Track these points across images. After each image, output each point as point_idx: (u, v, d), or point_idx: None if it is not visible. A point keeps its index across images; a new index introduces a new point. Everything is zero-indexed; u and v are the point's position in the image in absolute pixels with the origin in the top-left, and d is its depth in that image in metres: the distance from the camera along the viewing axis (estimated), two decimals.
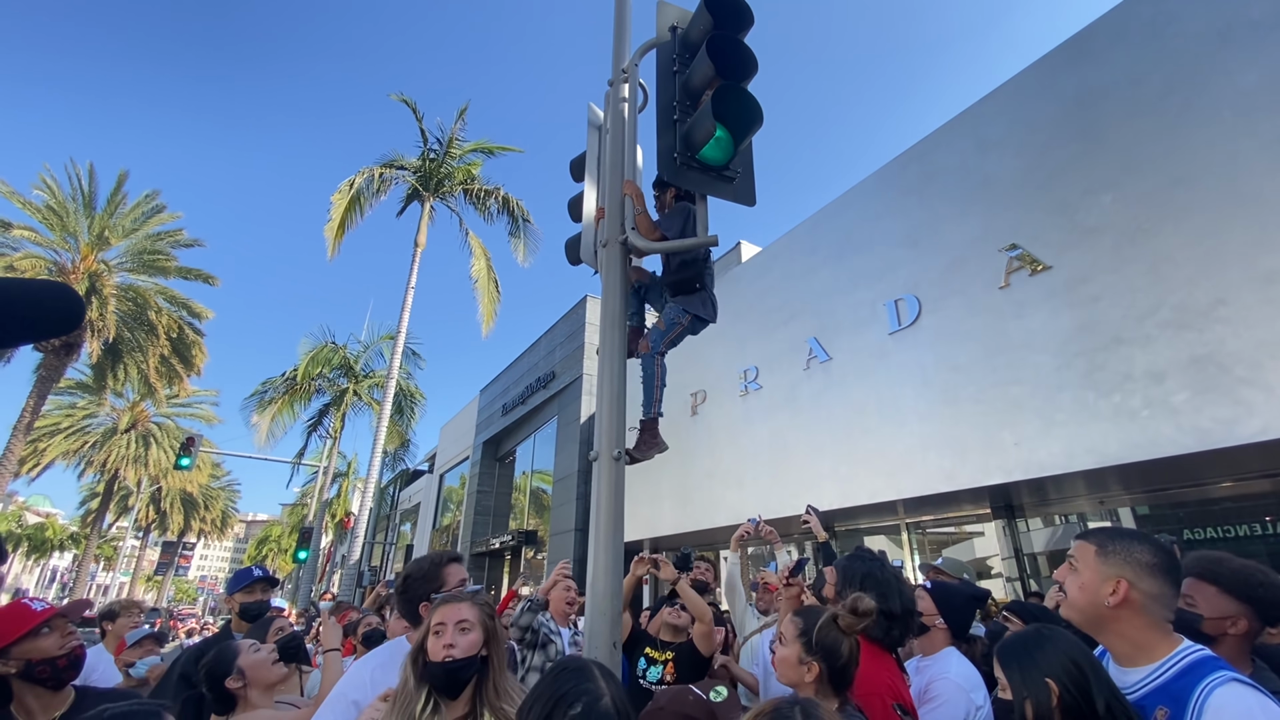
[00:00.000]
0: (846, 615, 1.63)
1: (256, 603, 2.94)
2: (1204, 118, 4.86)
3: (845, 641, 1.62)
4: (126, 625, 3.60)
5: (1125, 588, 1.32)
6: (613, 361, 2.67)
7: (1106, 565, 1.37)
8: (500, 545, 16.58)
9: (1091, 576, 1.38)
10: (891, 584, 2.06)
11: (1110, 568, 1.36)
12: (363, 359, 22.12)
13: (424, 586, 1.99)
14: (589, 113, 3.89)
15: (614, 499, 2.42)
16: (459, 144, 15.04)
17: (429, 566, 2.05)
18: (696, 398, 10.18)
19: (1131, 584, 1.32)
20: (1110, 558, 1.37)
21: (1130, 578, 1.33)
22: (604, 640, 2.18)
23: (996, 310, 6.00)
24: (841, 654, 1.61)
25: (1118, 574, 1.34)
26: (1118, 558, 1.36)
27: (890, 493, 6.67)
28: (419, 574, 2.02)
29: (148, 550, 43.74)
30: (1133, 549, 1.36)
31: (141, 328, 17.97)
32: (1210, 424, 4.42)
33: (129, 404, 28.23)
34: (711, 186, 2.81)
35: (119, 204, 17.79)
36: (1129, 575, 1.33)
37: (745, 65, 2.78)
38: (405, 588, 2.02)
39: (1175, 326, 4.72)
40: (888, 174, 7.72)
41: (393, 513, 32.09)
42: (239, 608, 2.91)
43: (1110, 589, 1.34)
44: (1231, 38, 4.84)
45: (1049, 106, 5.99)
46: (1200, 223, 4.72)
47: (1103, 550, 1.39)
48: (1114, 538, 1.41)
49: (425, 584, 2.00)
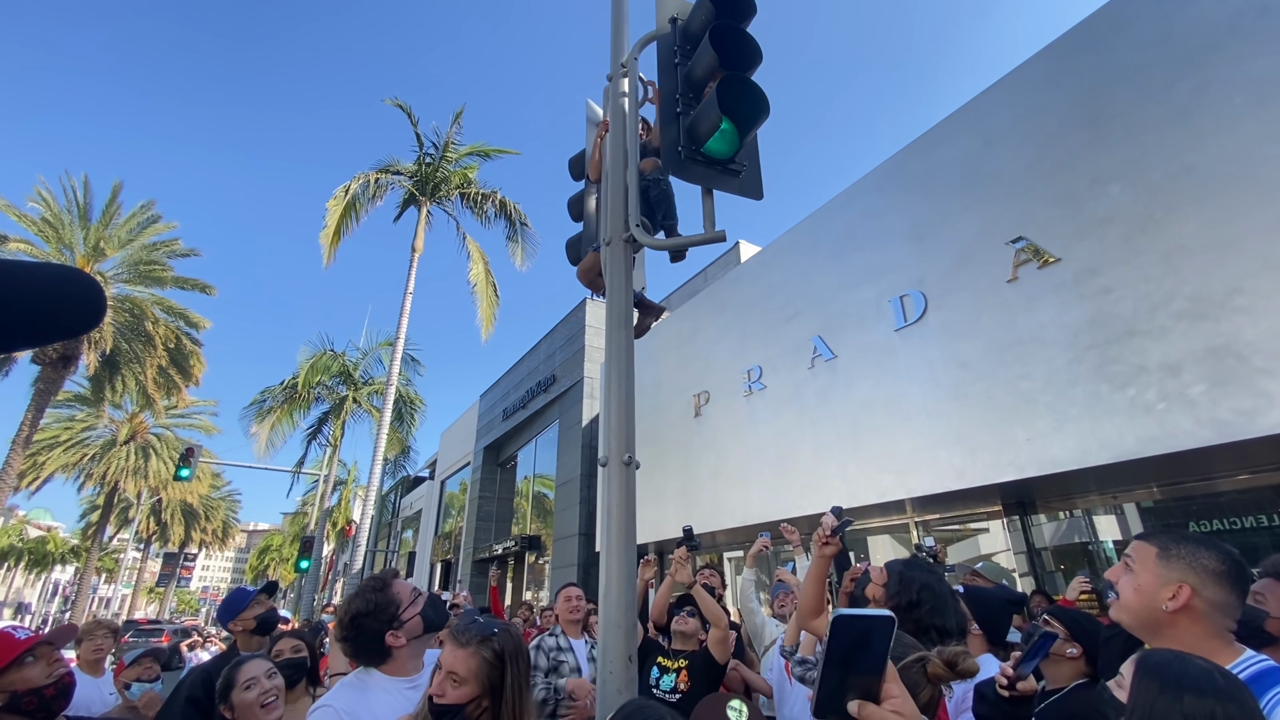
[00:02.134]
0: (938, 664, 1.35)
1: (266, 612, 2.89)
2: (1214, 105, 4.77)
3: (925, 689, 1.34)
4: (91, 649, 3.49)
5: (1188, 593, 1.25)
6: (620, 363, 2.57)
7: (1168, 569, 1.30)
8: (503, 551, 16.48)
9: (1150, 579, 1.31)
10: (948, 600, 1.98)
11: (1172, 571, 1.29)
12: (362, 366, 22.01)
13: (380, 618, 1.82)
14: (587, 109, 3.80)
15: (625, 505, 2.33)
16: (455, 147, 14.95)
17: (376, 595, 1.86)
18: (700, 398, 10.09)
19: (1195, 590, 1.25)
20: (1173, 561, 1.30)
21: (1194, 584, 1.26)
22: (618, 654, 2.08)
23: (1005, 304, 5.91)
24: (919, 701, 1.31)
25: (1180, 579, 1.27)
26: (1181, 562, 1.29)
27: (900, 491, 6.58)
28: (369, 608, 1.83)
29: (149, 562, 43.58)
30: (1199, 554, 1.29)
31: (139, 339, 17.85)
32: (1230, 416, 4.33)
33: (127, 416, 28.10)
34: (717, 180, 2.72)
35: (114, 215, 17.69)
36: (1193, 581, 1.26)
37: (750, 55, 2.70)
38: (359, 628, 1.82)
39: (1190, 317, 4.63)
40: (890, 169, 7.63)
41: (394, 520, 31.98)
42: (255, 623, 2.83)
43: (1170, 593, 1.27)
44: (1240, 24, 4.75)
45: (1053, 97, 5.90)
46: (1213, 210, 4.63)
47: (1165, 553, 1.32)
48: (1179, 541, 1.33)
49: (380, 615, 1.83)
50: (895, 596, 2.07)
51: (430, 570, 23.31)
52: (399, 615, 1.84)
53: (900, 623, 2.06)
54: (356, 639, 1.81)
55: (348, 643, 1.83)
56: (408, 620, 1.85)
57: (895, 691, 0.90)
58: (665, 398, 11.00)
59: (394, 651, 1.80)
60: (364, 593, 1.88)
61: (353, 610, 1.84)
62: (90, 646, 3.46)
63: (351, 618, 1.82)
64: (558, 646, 3.46)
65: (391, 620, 1.82)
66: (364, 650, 1.81)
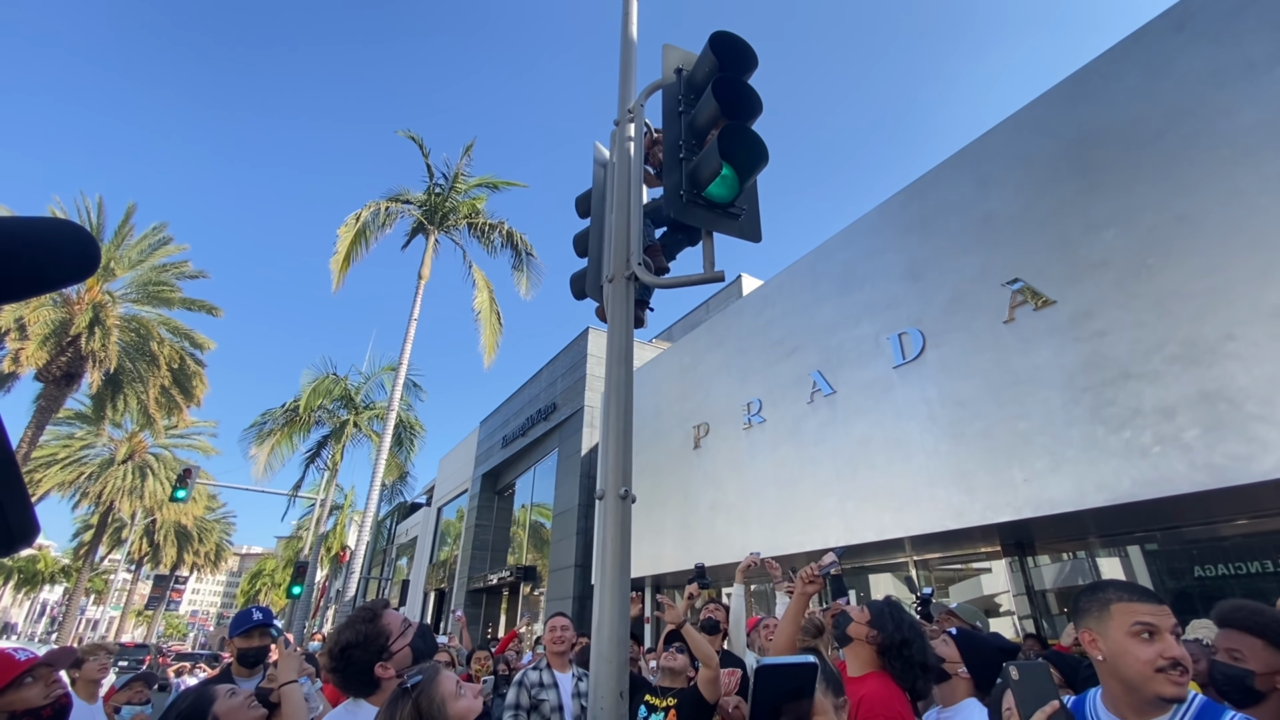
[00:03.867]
0: None
1: (255, 649, 2.83)
2: (1203, 155, 4.91)
3: None
4: (95, 669, 3.48)
5: None
6: (619, 397, 2.63)
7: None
8: (498, 581, 16.27)
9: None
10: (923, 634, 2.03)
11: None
12: (364, 390, 22.08)
13: (370, 649, 1.82)
14: (595, 151, 3.93)
15: (620, 539, 2.36)
16: (465, 179, 15.29)
17: (365, 627, 1.85)
18: (699, 430, 10.10)
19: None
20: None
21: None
22: (609, 690, 2.09)
23: (1002, 345, 5.98)
24: None
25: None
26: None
27: (898, 530, 6.55)
28: (359, 639, 1.82)
29: (139, 584, 42.98)
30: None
31: (143, 358, 17.99)
32: (1224, 461, 4.35)
33: (127, 435, 28.09)
34: (718, 223, 2.82)
35: (126, 235, 18.01)
36: None
37: (750, 106, 2.82)
38: (348, 659, 1.80)
39: (1184, 362, 4.69)
40: (889, 210, 7.79)
41: (389, 547, 31.62)
42: (237, 653, 2.81)
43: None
44: (1227, 78, 4.92)
45: (1048, 144, 6.07)
46: (1204, 258, 4.72)
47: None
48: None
49: (370, 647, 1.82)
50: (890, 635, 2.10)
51: (424, 599, 22.97)
52: (388, 646, 1.84)
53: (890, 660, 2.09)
54: (345, 670, 1.81)
55: (336, 674, 1.83)
56: (397, 651, 1.85)
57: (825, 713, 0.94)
58: (665, 428, 11.02)
59: (383, 683, 1.80)
60: (353, 623, 1.88)
61: (342, 641, 1.84)
62: (94, 668, 3.46)
63: (341, 649, 1.82)
64: (540, 683, 3.42)
65: (381, 651, 1.82)
66: (353, 681, 1.81)
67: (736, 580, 4.13)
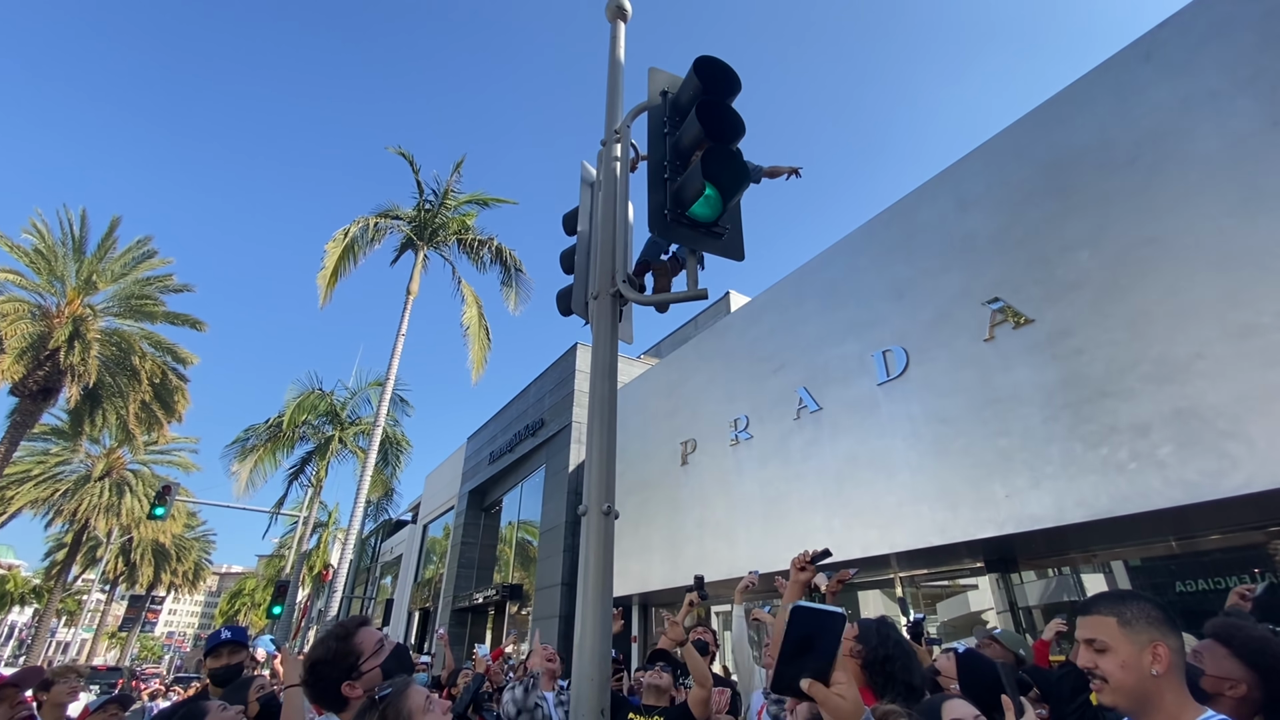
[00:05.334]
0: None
1: (224, 667, 2.77)
2: (1171, 180, 5.07)
3: None
4: (64, 692, 3.40)
5: (1166, 651, 1.24)
6: (603, 413, 2.66)
7: (1135, 633, 1.27)
8: (484, 600, 16.06)
9: (1128, 650, 1.27)
10: (915, 659, 2.03)
11: (1140, 634, 1.27)
12: (350, 406, 21.87)
13: (339, 667, 1.79)
14: (582, 170, 3.99)
15: (602, 556, 2.37)
16: (455, 195, 15.36)
17: (337, 644, 1.83)
18: (686, 446, 10.12)
19: (1165, 644, 1.24)
20: (1135, 624, 1.28)
21: (1159, 637, 1.25)
22: (591, 707, 2.09)
23: (982, 362, 6.08)
24: None
25: (1149, 638, 1.26)
26: (1142, 621, 1.28)
27: (883, 546, 6.58)
28: (329, 656, 1.80)
29: (114, 604, 41.87)
30: (1146, 608, 1.29)
31: (124, 373, 17.71)
32: (1197, 477, 4.45)
33: (105, 451, 27.55)
34: (701, 242, 2.88)
35: (109, 249, 17.82)
36: (1157, 635, 1.25)
37: (733, 128, 2.89)
38: (317, 675, 1.78)
39: (1157, 380, 4.80)
40: (872, 229, 7.93)
41: (373, 565, 31.11)
42: (208, 673, 2.77)
43: (1150, 657, 1.24)
44: (1192, 106, 5.11)
45: (1024, 167, 6.24)
46: (1173, 279, 4.86)
47: (1123, 620, 1.30)
48: (1119, 601, 1.33)
49: (339, 664, 1.80)
50: (874, 650, 2.12)
51: (408, 618, 22.58)
52: (358, 666, 1.80)
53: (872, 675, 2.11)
54: (315, 685, 1.79)
55: (307, 688, 1.81)
56: (366, 671, 1.81)
57: (842, 679, 1.07)
58: (652, 445, 11.02)
59: (350, 703, 1.76)
60: (326, 640, 1.86)
61: (313, 656, 1.82)
62: (63, 690, 3.39)
63: (311, 665, 1.80)
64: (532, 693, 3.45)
65: (350, 670, 1.78)
66: (321, 697, 1.80)
67: (735, 600, 4.14)
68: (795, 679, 1.07)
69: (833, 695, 1.05)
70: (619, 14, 3.72)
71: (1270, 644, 1.68)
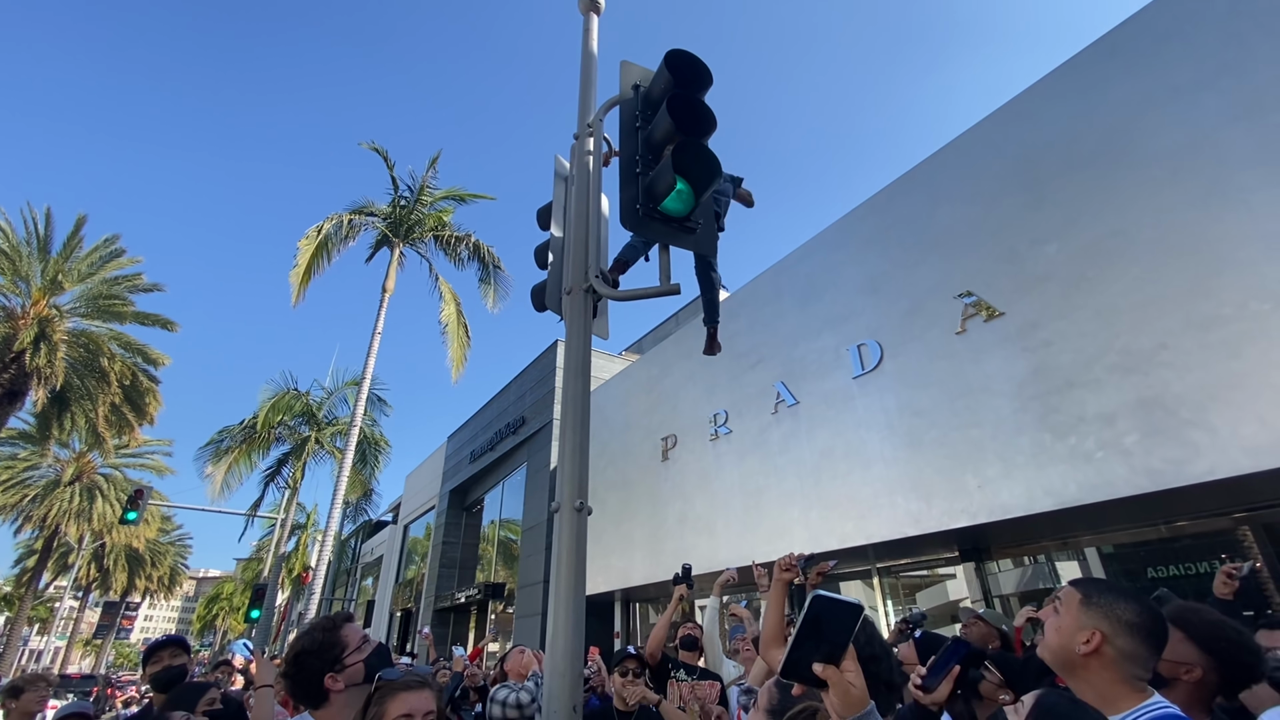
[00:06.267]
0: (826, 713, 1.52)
1: (165, 669, 2.70)
2: (1135, 174, 5.18)
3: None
4: (34, 700, 3.33)
5: (1099, 640, 1.33)
6: (576, 410, 2.65)
7: (1087, 614, 1.38)
8: (466, 599, 15.96)
9: (1070, 622, 1.40)
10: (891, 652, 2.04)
11: (1089, 618, 1.37)
12: (326, 406, 21.53)
13: (323, 658, 1.80)
14: (556, 164, 3.96)
15: (575, 552, 2.36)
16: (430, 191, 15.16)
17: (323, 635, 1.84)
18: (667, 442, 10.13)
19: (1107, 638, 1.33)
20: (1092, 608, 1.38)
21: (1107, 631, 1.34)
22: (563, 704, 2.08)
23: (955, 355, 6.17)
24: None
25: (1095, 625, 1.36)
26: (1099, 610, 1.37)
27: (860, 537, 6.66)
28: (314, 647, 1.80)
29: (87, 611, 40.92)
30: (1117, 604, 1.37)
31: (92, 375, 17.27)
32: (1161, 465, 4.55)
33: (74, 455, 26.86)
34: (674, 237, 2.87)
35: (76, 248, 17.35)
36: (1105, 628, 1.34)
37: (705, 122, 2.89)
38: (300, 665, 1.79)
39: (1122, 370, 4.90)
40: (847, 224, 8.00)
41: (354, 566, 30.79)
42: (148, 679, 2.70)
43: (1085, 638, 1.35)
44: (1156, 101, 5.21)
45: (995, 162, 6.32)
46: (1138, 271, 4.97)
47: (1087, 600, 1.41)
48: (1103, 590, 1.42)
49: (324, 655, 1.80)
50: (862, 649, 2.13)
51: (389, 620, 22.37)
52: (342, 658, 1.81)
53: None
54: (297, 676, 1.79)
55: (288, 679, 1.81)
56: (350, 665, 1.82)
57: (851, 667, 1.11)
58: (634, 441, 11.02)
59: (331, 696, 1.77)
60: (312, 630, 1.87)
61: (297, 647, 1.82)
62: (32, 699, 3.31)
63: (295, 654, 1.81)
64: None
65: (334, 662, 1.79)
66: (302, 689, 1.79)
67: (714, 593, 4.16)
68: (808, 664, 1.11)
69: (843, 680, 1.09)
70: (591, 6, 3.69)
71: (1224, 628, 1.73)
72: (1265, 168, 4.49)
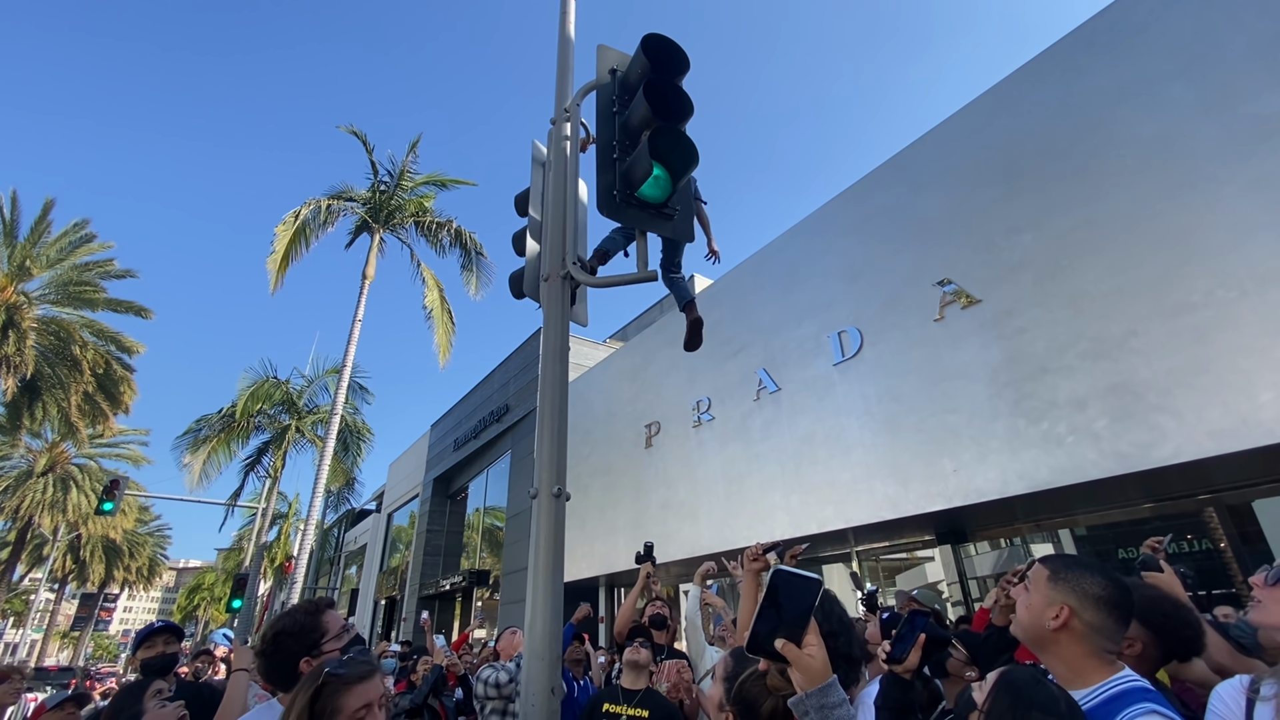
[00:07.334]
0: (777, 676, 1.50)
1: (159, 656, 2.72)
2: (1110, 164, 5.25)
3: (768, 701, 1.52)
4: (7, 693, 3.29)
5: (1067, 614, 1.38)
6: (554, 396, 2.66)
7: (1055, 590, 1.42)
8: (451, 586, 15.99)
9: (1039, 599, 1.44)
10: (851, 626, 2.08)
11: (1057, 593, 1.42)
12: (306, 394, 21.30)
13: (302, 641, 1.80)
14: (533, 149, 3.93)
15: (553, 537, 2.38)
16: (411, 176, 14.94)
17: (305, 618, 1.84)
18: (651, 429, 10.18)
19: (1075, 612, 1.37)
20: (1059, 584, 1.43)
21: (1074, 606, 1.38)
22: (541, 686, 2.11)
23: (933, 342, 6.25)
24: (760, 714, 1.53)
25: (1063, 600, 1.40)
26: (1066, 585, 1.42)
27: (839, 521, 6.76)
28: (294, 629, 1.81)
29: (64, 604, 40.32)
30: (1084, 579, 1.41)
31: (64, 363, 16.91)
32: (1129, 449, 4.67)
33: (47, 445, 26.32)
34: (650, 223, 2.87)
35: (44, 233, 16.91)
36: (1073, 603, 1.38)
37: (681, 108, 2.87)
38: (278, 645, 1.79)
39: (1093, 356, 5.01)
40: (828, 212, 8.03)
41: (337, 555, 30.64)
42: (139, 664, 2.70)
43: (1054, 613, 1.39)
44: (1130, 92, 5.28)
45: (973, 151, 6.37)
46: (1111, 260, 5.06)
47: (1054, 576, 1.45)
48: (1069, 566, 1.46)
49: (303, 639, 1.80)
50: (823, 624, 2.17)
51: (374, 608, 22.34)
52: (320, 644, 1.81)
53: None
54: (273, 656, 1.79)
55: (264, 658, 1.80)
56: (327, 652, 1.81)
57: (814, 641, 1.16)
58: (617, 429, 11.05)
59: None
60: (294, 612, 1.88)
61: (277, 627, 1.83)
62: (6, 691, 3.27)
63: (274, 634, 1.81)
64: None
65: (312, 647, 1.79)
66: (276, 671, 1.78)
67: (696, 581, 4.21)
68: (770, 640, 1.15)
69: (803, 655, 1.14)
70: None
71: (1162, 603, 1.79)
72: (1234, 159, 4.58)
